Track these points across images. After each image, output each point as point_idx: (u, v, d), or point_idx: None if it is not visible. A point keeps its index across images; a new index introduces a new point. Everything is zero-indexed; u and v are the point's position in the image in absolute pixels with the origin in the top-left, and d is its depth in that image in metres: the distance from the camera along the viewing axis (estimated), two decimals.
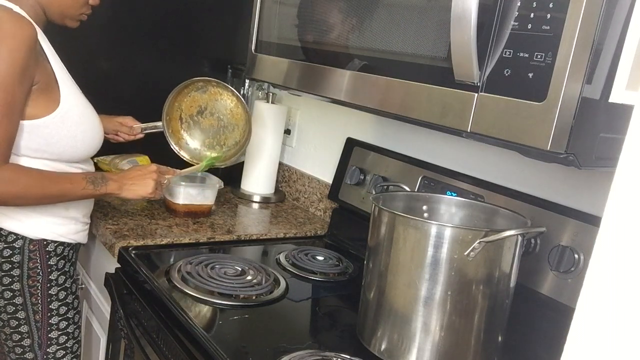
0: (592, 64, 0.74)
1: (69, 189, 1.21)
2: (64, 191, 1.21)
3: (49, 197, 1.21)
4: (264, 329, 1.08)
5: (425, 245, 0.93)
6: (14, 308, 1.28)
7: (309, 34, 1.20)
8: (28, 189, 1.16)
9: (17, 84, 1.11)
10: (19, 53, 1.10)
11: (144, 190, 1.32)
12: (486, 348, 0.99)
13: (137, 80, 1.85)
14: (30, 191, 1.17)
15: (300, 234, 1.61)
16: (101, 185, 1.25)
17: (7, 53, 1.09)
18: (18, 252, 1.25)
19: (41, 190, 1.18)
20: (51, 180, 1.20)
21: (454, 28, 0.82)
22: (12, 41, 1.09)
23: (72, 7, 1.28)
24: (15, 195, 1.15)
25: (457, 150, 1.37)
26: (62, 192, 1.21)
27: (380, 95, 1.02)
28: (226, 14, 1.95)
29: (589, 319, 0.46)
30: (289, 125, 1.93)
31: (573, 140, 0.77)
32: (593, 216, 1.05)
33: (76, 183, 1.22)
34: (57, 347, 1.33)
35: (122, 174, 1.32)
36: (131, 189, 1.31)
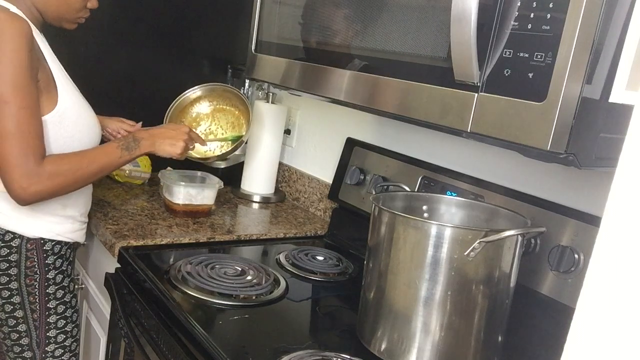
0: (592, 64, 0.74)
1: (108, 162, 1.26)
2: (104, 165, 1.26)
3: (92, 175, 1.24)
4: (264, 329, 1.08)
5: (425, 245, 0.93)
6: (11, 307, 1.28)
7: (309, 34, 1.20)
8: (72, 175, 1.20)
9: (29, 81, 1.13)
10: (23, 52, 1.11)
11: (173, 150, 1.37)
12: (486, 348, 0.99)
13: (137, 80, 1.86)
14: (74, 176, 1.20)
15: (300, 234, 1.61)
16: (135, 149, 1.30)
17: (13, 55, 1.10)
18: (15, 251, 1.25)
19: (84, 171, 1.22)
20: (90, 159, 1.24)
21: (454, 28, 0.82)
22: (14, 42, 1.10)
23: (68, 12, 1.27)
24: (64, 184, 1.19)
25: (457, 150, 1.37)
26: (102, 167, 1.26)
27: (381, 95, 1.02)
28: (226, 14, 1.95)
29: (589, 319, 0.46)
30: (289, 125, 1.93)
31: (573, 140, 0.77)
32: (593, 216, 1.05)
33: (112, 154, 1.27)
34: (55, 346, 1.33)
35: (155, 132, 1.37)
36: (162, 147, 1.36)
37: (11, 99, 1.10)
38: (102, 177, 1.30)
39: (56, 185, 1.17)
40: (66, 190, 1.22)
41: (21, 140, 1.12)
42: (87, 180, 1.25)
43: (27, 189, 1.13)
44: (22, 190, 1.13)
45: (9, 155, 1.12)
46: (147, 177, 1.82)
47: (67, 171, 1.19)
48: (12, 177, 1.13)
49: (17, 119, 1.11)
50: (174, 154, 1.37)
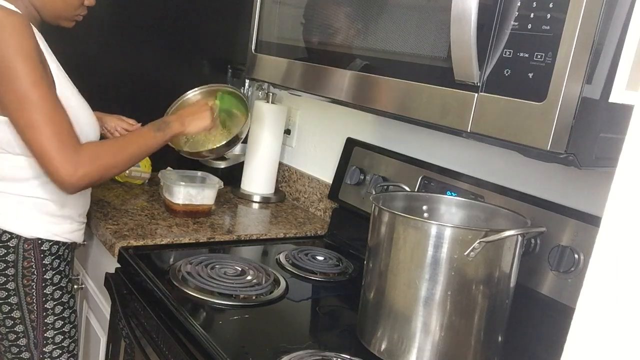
0: (592, 64, 0.74)
1: (144, 143, 1.29)
2: (141, 146, 1.28)
3: (132, 157, 1.26)
4: (264, 329, 1.08)
5: (425, 245, 0.93)
6: (9, 307, 1.28)
7: (310, 33, 1.20)
8: (113, 157, 1.21)
9: (42, 70, 1.14)
10: (28, 43, 1.12)
11: (204, 122, 1.40)
12: (486, 348, 0.99)
13: (137, 80, 1.86)
14: (115, 159, 1.22)
15: (300, 234, 1.61)
16: (166, 130, 1.32)
17: (18, 47, 1.10)
18: (12, 251, 1.25)
19: (124, 153, 1.24)
20: (126, 141, 1.27)
21: (454, 28, 0.82)
22: (16, 35, 1.10)
23: (65, 10, 1.27)
24: (107, 166, 1.20)
25: (457, 150, 1.37)
26: (140, 147, 1.28)
27: (381, 95, 1.02)
28: (226, 14, 1.95)
29: (589, 319, 0.46)
30: (289, 125, 1.93)
31: (573, 140, 0.77)
32: (593, 216, 1.05)
33: (146, 136, 1.30)
34: (53, 347, 1.33)
35: (179, 114, 1.41)
36: (193, 124, 1.39)
37: (32, 92, 1.11)
38: (140, 159, 1.30)
39: (100, 167, 1.18)
40: (110, 173, 1.22)
41: (52, 129, 1.12)
42: (128, 162, 1.26)
43: (74, 174, 1.13)
44: (69, 176, 1.13)
45: (47, 147, 1.12)
46: (147, 177, 1.82)
47: (107, 153, 1.20)
48: (55, 166, 1.12)
49: (43, 110, 1.11)
50: (205, 127, 1.40)
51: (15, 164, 1.23)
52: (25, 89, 1.10)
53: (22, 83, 1.10)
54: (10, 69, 1.09)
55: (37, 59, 1.13)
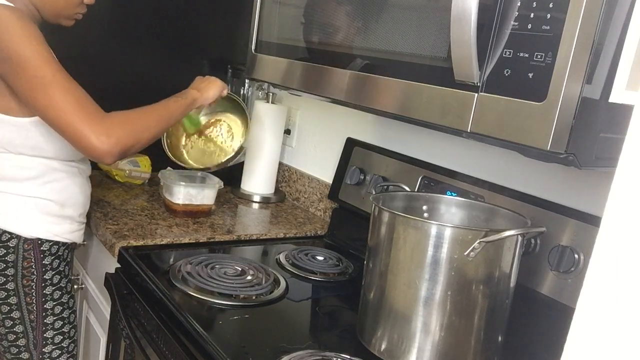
0: (592, 64, 0.74)
1: (167, 107, 1.27)
2: (166, 110, 1.26)
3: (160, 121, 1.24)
4: (264, 329, 1.08)
5: (425, 245, 0.93)
6: (8, 308, 1.28)
7: (310, 33, 1.20)
8: (140, 122, 1.19)
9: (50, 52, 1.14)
10: (31, 28, 1.13)
11: (218, 88, 1.42)
12: (486, 348, 0.99)
13: (136, 80, 1.85)
14: (144, 123, 1.19)
15: (300, 234, 1.61)
16: (186, 95, 1.34)
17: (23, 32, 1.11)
18: (12, 251, 1.25)
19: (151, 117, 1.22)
20: (152, 107, 1.24)
21: (454, 28, 0.82)
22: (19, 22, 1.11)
23: (65, 8, 1.27)
24: (139, 130, 1.17)
25: (457, 150, 1.37)
26: (167, 112, 1.26)
27: (381, 95, 1.02)
28: (226, 14, 1.95)
29: (589, 319, 0.46)
30: (289, 125, 1.93)
31: (573, 140, 0.77)
32: (593, 216, 1.05)
33: (170, 101, 1.29)
34: (52, 347, 1.33)
35: (192, 85, 1.41)
36: (209, 91, 1.40)
37: (45, 72, 1.10)
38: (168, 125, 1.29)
39: (132, 130, 1.15)
40: (144, 136, 1.18)
41: (76, 103, 1.11)
42: (158, 125, 1.22)
43: (107, 141, 1.10)
44: (103, 144, 1.10)
45: (73, 121, 1.10)
46: (147, 177, 1.82)
47: (135, 116, 1.18)
48: (86, 138, 1.10)
49: (61, 87, 1.11)
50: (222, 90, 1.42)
51: (16, 164, 1.23)
52: (37, 70, 1.10)
53: (33, 65, 1.10)
54: (19, 55, 1.10)
55: (41, 41, 1.13)
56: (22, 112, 1.19)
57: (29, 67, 1.10)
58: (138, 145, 1.18)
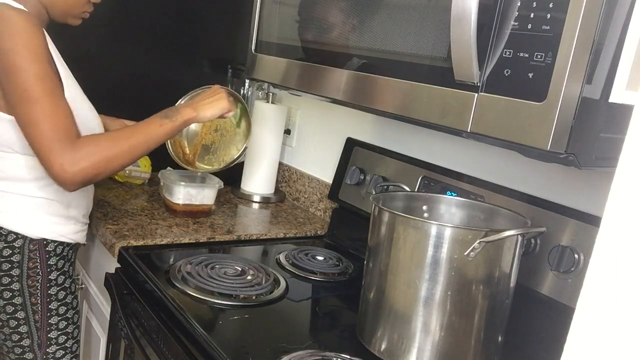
0: (592, 64, 0.74)
1: (149, 131, 1.20)
2: (146, 135, 1.20)
3: (135, 148, 1.18)
4: (264, 329, 1.08)
5: (425, 245, 0.93)
6: (13, 308, 1.28)
7: (309, 33, 1.20)
8: (112, 150, 1.15)
9: (48, 67, 1.13)
10: (38, 40, 1.12)
11: (220, 105, 1.29)
12: (486, 348, 0.99)
13: (136, 80, 1.86)
14: (114, 151, 1.15)
15: (300, 234, 1.61)
16: (175, 116, 1.23)
17: (27, 43, 1.10)
18: (18, 252, 1.25)
19: (123, 145, 1.17)
20: (128, 133, 1.19)
21: (454, 28, 0.82)
22: (26, 32, 1.11)
23: (74, 6, 1.28)
24: (106, 158, 1.14)
25: (457, 150, 1.37)
26: (145, 137, 1.19)
27: (380, 95, 1.02)
28: (226, 14, 1.95)
29: (589, 319, 0.46)
30: (289, 125, 1.93)
31: (573, 140, 0.77)
32: (593, 216, 1.05)
33: (152, 124, 1.21)
34: (56, 347, 1.33)
35: (192, 101, 1.31)
36: (207, 109, 1.28)
37: (35, 87, 1.10)
38: (146, 150, 1.21)
39: (97, 162, 1.13)
40: (111, 166, 1.16)
41: (51, 125, 1.11)
42: (130, 155, 1.18)
43: (69, 170, 1.10)
44: (64, 171, 1.10)
45: (43, 142, 1.11)
46: (147, 177, 1.82)
47: (105, 146, 1.15)
48: (52, 162, 1.10)
49: (44, 106, 1.11)
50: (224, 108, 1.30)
51: (22, 164, 1.23)
52: (29, 84, 1.10)
53: (26, 78, 1.10)
54: (15, 64, 1.10)
55: (44, 55, 1.13)
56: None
57: (22, 78, 1.10)
58: (103, 175, 1.16)
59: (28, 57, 1.10)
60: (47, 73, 1.13)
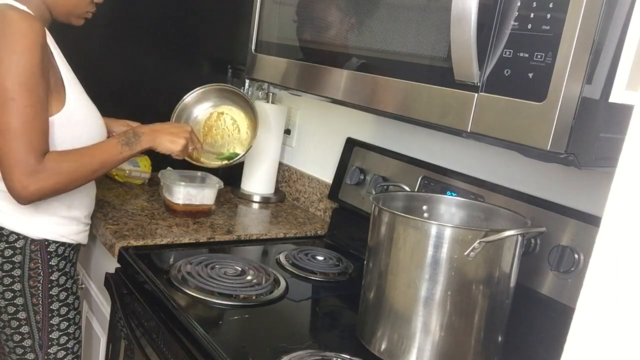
0: (592, 64, 0.74)
1: (108, 158, 1.25)
2: (104, 162, 1.24)
3: (93, 172, 1.23)
4: (264, 329, 1.08)
5: (425, 245, 0.93)
6: (14, 309, 1.28)
7: (309, 34, 1.20)
8: (73, 173, 1.19)
9: (38, 80, 1.13)
10: (35, 51, 1.11)
11: (174, 146, 1.34)
12: (486, 348, 0.99)
13: (136, 81, 1.86)
14: (75, 175, 1.19)
15: (300, 234, 1.61)
16: (135, 144, 1.28)
17: (23, 53, 1.10)
18: (19, 252, 1.25)
19: (85, 168, 1.21)
20: (90, 157, 1.22)
21: (454, 28, 0.82)
22: (25, 40, 1.10)
23: (77, 6, 1.28)
24: (65, 182, 1.18)
25: (457, 150, 1.37)
26: (103, 164, 1.24)
27: (381, 95, 1.02)
28: (226, 14, 1.95)
29: (589, 319, 0.46)
30: (289, 125, 1.93)
31: (573, 140, 0.77)
32: (593, 216, 1.05)
33: (112, 150, 1.25)
34: (58, 348, 1.33)
35: (156, 127, 1.35)
36: (163, 143, 1.33)
37: (17, 96, 1.10)
38: (102, 174, 1.28)
39: (56, 183, 1.16)
40: (66, 188, 1.21)
41: (24, 138, 1.11)
42: (87, 178, 1.24)
43: (27, 187, 1.13)
44: (22, 188, 1.13)
45: (11, 153, 1.12)
46: (147, 177, 1.82)
47: (68, 169, 1.18)
48: (13, 175, 1.12)
49: (22, 117, 1.11)
50: (174, 151, 1.35)
51: None
52: (10, 87, 1.10)
53: (13, 87, 1.10)
54: (7, 71, 1.09)
55: (38, 65, 1.12)
56: None
57: (8, 88, 1.10)
58: (57, 194, 1.20)
59: (21, 66, 1.10)
60: (35, 86, 1.12)
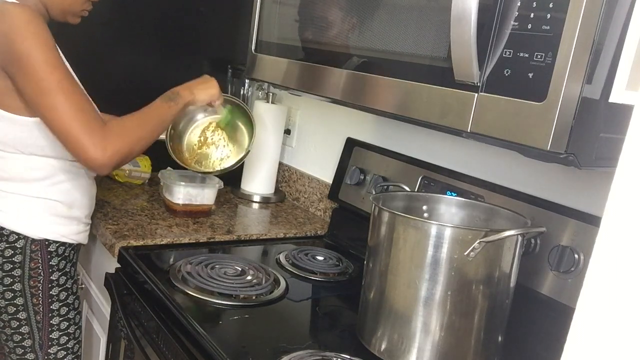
0: (592, 64, 0.74)
1: (162, 115, 1.28)
2: (160, 119, 1.27)
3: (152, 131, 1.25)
4: (264, 329, 1.08)
5: (425, 245, 0.93)
6: (14, 309, 1.28)
7: (309, 33, 1.20)
8: (138, 130, 1.21)
9: (58, 55, 1.14)
10: (45, 32, 1.13)
11: (211, 91, 1.40)
12: (486, 348, 0.99)
13: (136, 80, 1.85)
14: (141, 132, 1.21)
15: (300, 234, 1.61)
16: (178, 100, 1.32)
17: (35, 34, 1.11)
18: (20, 252, 1.25)
19: (146, 127, 1.23)
20: (146, 116, 1.25)
21: (454, 28, 0.82)
22: (33, 24, 1.12)
23: (72, 5, 1.28)
24: (135, 139, 1.19)
25: (457, 150, 1.37)
26: (160, 121, 1.27)
27: (380, 95, 1.02)
28: (226, 14, 1.95)
29: (589, 319, 0.46)
30: (289, 125, 1.93)
31: (573, 140, 0.77)
32: (593, 216, 1.05)
33: (162, 108, 1.29)
34: (58, 348, 1.33)
35: (187, 84, 1.38)
36: (202, 91, 1.39)
37: (51, 76, 1.11)
38: (160, 133, 1.30)
39: (127, 143, 1.17)
40: (138, 146, 1.20)
41: (77, 111, 1.12)
42: (150, 137, 1.24)
43: (105, 150, 1.12)
44: (101, 154, 1.12)
45: (71, 128, 1.11)
46: (147, 177, 1.82)
47: (132, 127, 1.20)
48: (85, 146, 1.11)
49: (65, 93, 1.12)
50: (214, 95, 1.40)
51: (26, 165, 1.23)
52: (44, 75, 1.11)
53: (41, 69, 1.11)
54: (29, 57, 1.10)
55: (52, 44, 1.14)
56: (32, 112, 1.19)
57: (37, 71, 1.11)
58: (132, 156, 1.21)
59: (39, 49, 1.11)
60: (60, 62, 1.14)
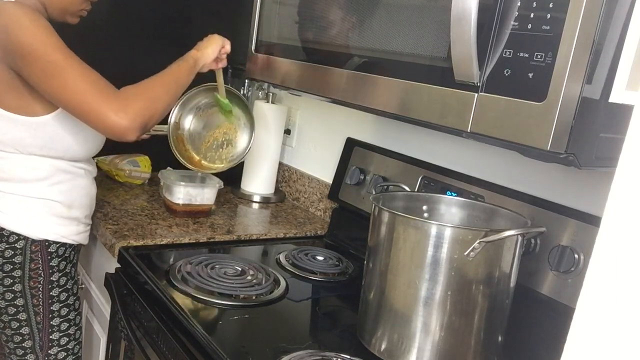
0: (592, 64, 0.74)
1: (176, 74, 1.27)
2: (175, 78, 1.26)
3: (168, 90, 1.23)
4: (264, 329, 1.08)
5: (425, 245, 0.93)
6: (15, 310, 1.28)
7: (309, 33, 1.20)
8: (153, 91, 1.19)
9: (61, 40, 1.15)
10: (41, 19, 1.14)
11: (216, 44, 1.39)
12: (486, 348, 0.99)
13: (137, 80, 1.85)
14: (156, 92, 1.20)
15: (300, 234, 1.61)
16: (187, 58, 1.32)
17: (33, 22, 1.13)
18: (20, 253, 1.25)
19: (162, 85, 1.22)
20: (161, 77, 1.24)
21: (454, 28, 0.82)
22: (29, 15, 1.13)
23: (73, 3, 1.29)
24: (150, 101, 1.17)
25: (457, 150, 1.37)
26: (175, 78, 1.26)
27: (380, 95, 1.02)
28: (226, 14, 1.95)
29: (589, 319, 0.46)
30: (289, 125, 1.93)
31: (573, 140, 0.77)
32: (593, 216, 1.05)
33: (172, 67, 1.27)
34: (58, 349, 1.33)
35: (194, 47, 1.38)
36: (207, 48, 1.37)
37: (57, 57, 1.12)
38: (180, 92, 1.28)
39: (147, 101, 1.16)
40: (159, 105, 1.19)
41: (88, 83, 1.12)
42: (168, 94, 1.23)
43: (126, 114, 1.11)
44: (121, 118, 1.11)
45: (86, 100, 1.11)
46: (147, 177, 1.82)
47: (147, 87, 1.19)
48: (105, 114, 1.11)
49: (74, 70, 1.13)
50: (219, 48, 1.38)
51: (26, 164, 1.23)
52: (49, 57, 1.11)
53: (45, 53, 1.11)
54: (31, 45, 1.11)
55: (53, 31, 1.15)
56: (32, 112, 1.20)
57: (41, 55, 1.11)
58: (156, 116, 1.18)
59: (39, 36, 1.12)
60: (61, 43, 1.15)
